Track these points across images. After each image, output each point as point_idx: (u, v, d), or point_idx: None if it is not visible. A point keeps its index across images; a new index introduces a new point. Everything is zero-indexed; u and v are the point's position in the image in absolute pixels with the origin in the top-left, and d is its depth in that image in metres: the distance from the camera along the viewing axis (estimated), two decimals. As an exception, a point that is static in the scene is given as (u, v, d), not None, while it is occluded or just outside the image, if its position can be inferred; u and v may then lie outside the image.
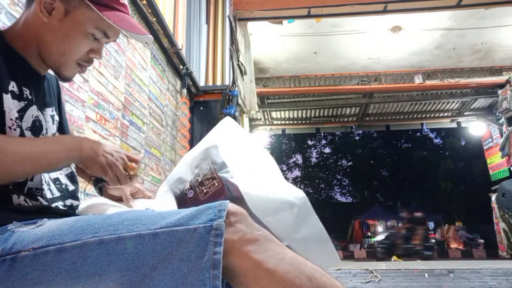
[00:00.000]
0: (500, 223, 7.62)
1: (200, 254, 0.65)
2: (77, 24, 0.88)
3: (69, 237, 0.70)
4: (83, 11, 0.87)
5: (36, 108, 0.91)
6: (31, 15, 0.89)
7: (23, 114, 0.87)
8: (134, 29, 0.91)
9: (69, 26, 0.87)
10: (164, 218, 0.70)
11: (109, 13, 0.87)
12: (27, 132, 0.87)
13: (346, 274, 3.59)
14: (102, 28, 0.90)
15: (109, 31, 0.91)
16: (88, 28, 0.88)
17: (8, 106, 0.82)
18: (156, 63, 3.41)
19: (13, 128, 0.83)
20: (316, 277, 0.66)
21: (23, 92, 0.87)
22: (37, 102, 0.92)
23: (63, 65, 0.91)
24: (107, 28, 0.90)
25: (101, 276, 0.66)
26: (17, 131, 0.84)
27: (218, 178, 0.88)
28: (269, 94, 7.89)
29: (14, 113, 0.83)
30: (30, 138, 0.86)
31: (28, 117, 0.88)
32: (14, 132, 0.83)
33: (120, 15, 0.90)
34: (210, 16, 4.99)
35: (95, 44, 0.92)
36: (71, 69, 0.92)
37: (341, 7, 5.31)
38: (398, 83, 7.67)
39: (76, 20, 0.87)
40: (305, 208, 0.87)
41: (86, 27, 0.88)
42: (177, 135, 3.92)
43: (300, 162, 23.35)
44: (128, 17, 0.93)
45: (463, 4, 5.28)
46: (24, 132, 0.86)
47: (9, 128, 0.82)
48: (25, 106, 0.87)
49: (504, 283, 3.23)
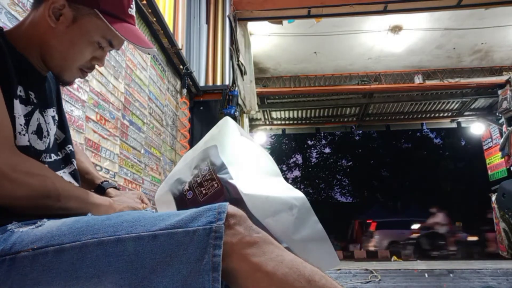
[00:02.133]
0: (500, 223, 7.62)
1: (199, 256, 0.65)
2: (84, 32, 0.88)
3: (68, 238, 0.70)
4: (91, 19, 0.88)
5: (39, 110, 0.91)
6: (38, 18, 0.89)
7: (30, 118, 0.87)
8: (141, 41, 0.92)
9: (75, 33, 0.88)
10: (164, 219, 0.69)
11: (118, 25, 0.88)
12: (33, 136, 0.88)
13: (346, 274, 3.59)
14: (108, 38, 0.91)
15: (115, 41, 0.93)
16: (95, 37, 0.89)
17: (17, 112, 0.83)
18: (156, 63, 3.41)
19: (23, 134, 0.84)
20: (315, 279, 0.66)
21: (29, 96, 0.88)
22: (39, 104, 0.92)
23: (65, 69, 0.91)
24: (113, 38, 0.91)
25: (99, 277, 0.66)
26: (25, 136, 0.85)
27: (217, 179, 0.88)
28: (269, 94, 7.89)
29: (22, 119, 0.84)
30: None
31: (33, 121, 0.88)
32: (23, 138, 0.84)
33: (128, 27, 0.91)
34: (210, 16, 4.99)
35: (99, 52, 0.93)
36: (72, 74, 0.93)
37: (341, 7, 5.31)
38: (398, 83, 7.67)
39: (83, 28, 0.88)
40: (304, 209, 0.87)
41: (93, 36, 0.89)
42: (177, 135, 3.92)
43: (300, 162, 23.36)
44: (135, 29, 0.94)
45: (463, 4, 5.28)
46: (30, 136, 0.87)
47: (18, 134, 0.83)
48: (32, 110, 0.88)
49: (504, 283, 3.23)
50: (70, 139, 1.06)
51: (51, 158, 0.95)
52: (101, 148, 2.28)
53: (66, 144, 1.03)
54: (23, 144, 0.84)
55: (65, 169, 0.99)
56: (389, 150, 22.41)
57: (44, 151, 0.92)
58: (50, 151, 0.95)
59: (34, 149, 0.88)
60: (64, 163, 0.99)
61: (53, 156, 0.96)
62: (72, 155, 1.03)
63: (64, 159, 1.00)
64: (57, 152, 0.99)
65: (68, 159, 1.01)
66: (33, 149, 0.87)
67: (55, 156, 0.97)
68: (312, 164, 23.39)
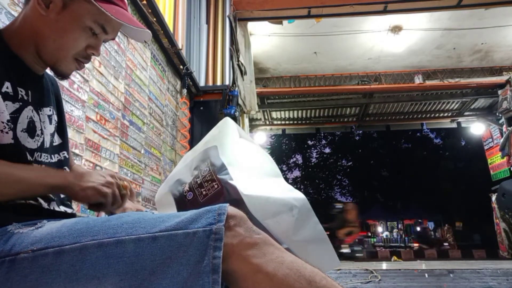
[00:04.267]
0: (500, 223, 7.62)
1: (199, 258, 0.64)
2: (75, 18, 0.86)
3: (68, 239, 0.70)
4: (81, 4, 0.86)
5: (32, 108, 0.89)
6: (29, 11, 0.88)
7: (18, 116, 0.85)
8: (133, 22, 0.90)
9: (66, 20, 0.86)
10: (164, 221, 0.69)
11: (108, 6, 0.86)
12: (23, 134, 0.86)
13: (346, 274, 3.59)
14: (100, 22, 0.88)
15: (108, 26, 0.90)
16: (86, 22, 0.87)
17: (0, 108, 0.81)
18: (156, 63, 3.41)
19: (5, 131, 0.82)
20: (316, 280, 0.66)
21: (18, 92, 0.86)
22: (33, 102, 0.90)
23: (60, 59, 0.89)
24: (105, 22, 0.89)
25: (99, 279, 0.66)
26: (9, 134, 0.82)
27: (217, 180, 0.88)
28: (269, 94, 7.89)
29: (5, 115, 0.82)
30: (17, 164, 0.82)
31: (23, 118, 0.86)
32: (6, 136, 0.82)
33: (119, 10, 0.89)
34: (210, 16, 4.99)
35: (93, 40, 0.90)
36: (68, 64, 0.90)
37: (341, 7, 5.31)
38: (398, 83, 7.67)
39: (74, 13, 0.86)
40: (305, 210, 0.87)
41: (84, 21, 0.87)
42: (177, 135, 3.92)
43: (300, 162, 23.36)
44: (127, 13, 0.92)
45: (463, 4, 5.28)
46: (18, 134, 0.85)
47: (1, 132, 0.81)
48: (20, 107, 0.86)
49: (504, 283, 3.23)
50: (67, 147, 1.04)
51: (45, 158, 0.93)
52: (101, 148, 2.28)
53: (61, 150, 1.01)
54: (6, 142, 0.82)
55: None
56: (389, 150, 22.41)
57: (36, 150, 0.89)
58: (44, 150, 0.93)
59: (24, 147, 0.86)
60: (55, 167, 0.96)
61: (47, 157, 0.94)
62: (66, 162, 1.01)
63: (57, 164, 0.97)
64: (51, 155, 0.96)
65: (61, 166, 0.99)
66: (22, 148, 0.85)
67: (49, 158, 0.94)
68: (312, 164, 23.40)
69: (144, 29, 0.94)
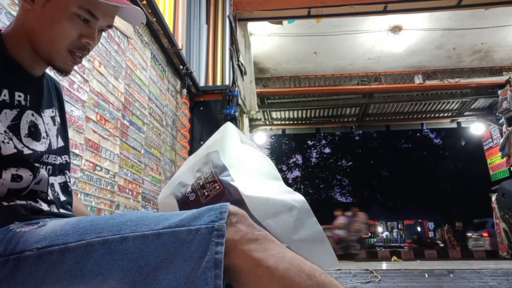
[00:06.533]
0: (500, 223, 7.63)
1: (202, 254, 0.65)
2: (60, 6, 0.84)
3: (73, 237, 0.71)
4: None
5: (32, 112, 0.88)
6: (19, 10, 0.88)
7: (18, 122, 0.84)
8: (122, 1, 0.88)
9: (52, 10, 0.85)
10: (167, 219, 0.70)
11: None
12: (26, 139, 0.85)
13: (346, 274, 3.60)
14: (86, 7, 0.85)
15: (96, 10, 0.87)
16: (72, 8, 0.84)
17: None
18: (156, 63, 3.41)
19: (6, 142, 0.81)
20: (315, 274, 0.67)
21: (14, 98, 0.84)
22: (33, 105, 0.89)
23: (54, 53, 0.87)
24: (92, 6, 0.86)
25: (104, 275, 0.67)
26: (11, 144, 0.81)
27: (219, 181, 0.89)
28: (269, 94, 7.90)
29: (3, 126, 0.81)
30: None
31: (24, 124, 0.85)
32: (8, 146, 0.81)
33: None
34: (210, 16, 4.99)
35: (86, 28, 0.87)
36: (62, 57, 0.88)
37: (341, 7, 5.32)
38: (398, 83, 7.68)
39: (59, 2, 0.85)
40: (304, 211, 0.88)
41: (70, 8, 0.84)
42: (177, 135, 3.93)
43: (300, 162, 23.39)
44: None
45: (463, 4, 5.29)
46: (22, 140, 0.84)
47: (2, 143, 0.80)
48: (18, 113, 0.85)
49: (504, 283, 3.23)
50: (69, 151, 1.04)
51: (53, 159, 0.93)
52: (101, 148, 2.28)
53: (63, 154, 1.00)
54: (10, 153, 0.81)
55: (56, 178, 0.95)
56: (389, 150, 22.44)
57: (45, 152, 0.90)
58: (53, 152, 0.93)
59: (34, 152, 0.86)
60: (58, 170, 0.96)
61: (55, 158, 0.94)
62: (67, 166, 1.00)
63: (59, 166, 0.97)
64: (59, 156, 0.97)
65: (62, 169, 0.98)
66: (29, 153, 0.84)
67: (56, 160, 0.94)
68: (312, 164, 23.43)
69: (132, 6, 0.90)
